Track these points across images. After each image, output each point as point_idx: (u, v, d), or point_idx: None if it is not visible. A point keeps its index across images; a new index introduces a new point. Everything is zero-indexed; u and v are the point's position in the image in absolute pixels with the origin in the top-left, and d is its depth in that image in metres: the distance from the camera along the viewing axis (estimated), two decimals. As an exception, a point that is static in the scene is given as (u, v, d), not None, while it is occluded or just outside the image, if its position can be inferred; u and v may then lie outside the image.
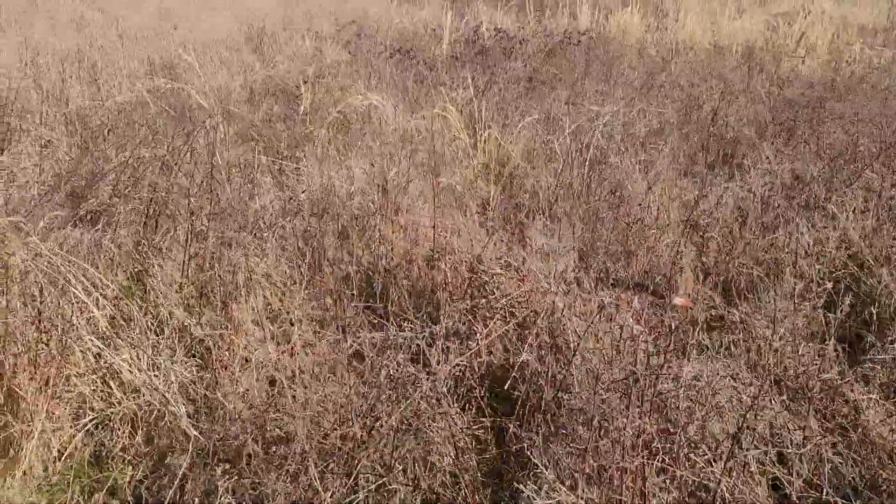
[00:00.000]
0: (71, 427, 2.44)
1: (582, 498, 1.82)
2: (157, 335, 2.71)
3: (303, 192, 3.96)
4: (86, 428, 2.44)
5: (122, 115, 4.98)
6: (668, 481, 1.84)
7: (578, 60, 7.94)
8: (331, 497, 2.15)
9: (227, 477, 2.23)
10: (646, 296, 2.98)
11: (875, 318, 2.93)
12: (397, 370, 2.16)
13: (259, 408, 2.51)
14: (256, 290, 2.96)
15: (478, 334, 2.36)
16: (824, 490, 2.05)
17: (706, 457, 1.80)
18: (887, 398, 2.45)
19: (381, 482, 2.17)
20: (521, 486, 1.85)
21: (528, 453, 1.98)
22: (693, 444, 1.80)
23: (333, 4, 12.27)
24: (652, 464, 1.82)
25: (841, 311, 2.61)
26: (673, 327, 2.24)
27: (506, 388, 2.35)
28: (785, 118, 5.56)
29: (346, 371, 2.40)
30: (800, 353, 2.45)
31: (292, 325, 2.67)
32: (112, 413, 2.48)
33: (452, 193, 4.39)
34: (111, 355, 2.49)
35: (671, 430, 1.79)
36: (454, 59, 8.77)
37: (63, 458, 2.37)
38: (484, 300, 2.71)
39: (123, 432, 2.43)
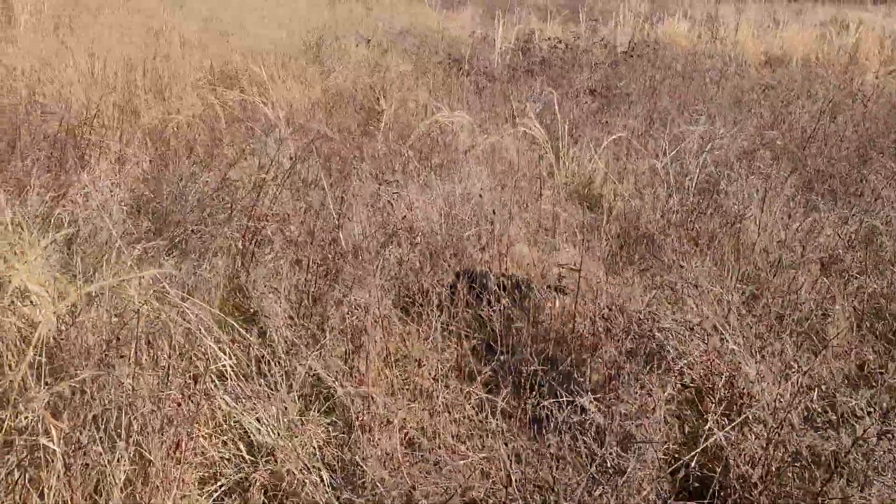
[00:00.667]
0: (199, 494, 2.20)
1: None
2: (280, 387, 2.46)
3: (403, 218, 3.71)
4: (213, 496, 2.20)
5: (198, 129, 4.76)
6: None
7: (649, 72, 7.66)
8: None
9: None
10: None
11: None
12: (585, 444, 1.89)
13: (401, 474, 2.26)
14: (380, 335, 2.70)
15: (657, 402, 2.09)
16: None
17: None
18: None
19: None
20: None
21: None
22: None
23: (379, 12, 12.08)
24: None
25: None
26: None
27: (691, 465, 2.08)
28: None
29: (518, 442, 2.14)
30: None
31: (435, 380, 2.41)
32: (241, 479, 2.23)
33: (552, 219, 4.13)
34: (242, 413, 2.25)
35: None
36: (512, 69, 8.54)
37: (194, 532, 2.12)
38: (634, 357, 2.43)
39: (258, 503, 2.18)
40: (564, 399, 2.06)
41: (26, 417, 1.70)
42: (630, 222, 4.22)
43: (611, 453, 1.79)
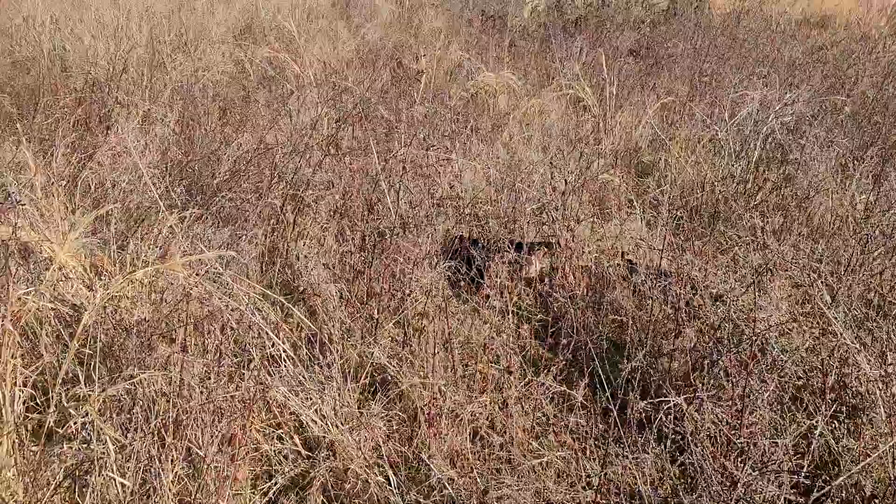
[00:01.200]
0: (252, 492, 2.02)
1: None
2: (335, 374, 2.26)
3: (451, 187, 3.48)
4: (268, 495, 2.02)
5: (228, 87, 4.51)
6: None
7: (691, 32, 7.27)
8: None
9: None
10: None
11: None
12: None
13: (470, 473, 2.06)
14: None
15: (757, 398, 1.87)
16: None
17: None
18: None
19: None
20: None
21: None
22: None
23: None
24: None
25: None
26: None
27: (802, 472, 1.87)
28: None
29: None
30: None
31: (510, 372, 2.20)
32: (296, 476, 2.05)
33: (607, 189, 3.88)
34: (299, 405, 2.05)
35: None
36: (546, 27, 8.18)
37: (248, 533, 1.95)
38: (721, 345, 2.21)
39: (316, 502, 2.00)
40: (672, 401, 1.84)
41: (75, 423, 1.50)
42: (688, 192, 3.96)
43: (747, 475, 1.57)
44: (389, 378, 2.28)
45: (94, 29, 5.00)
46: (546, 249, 3.04)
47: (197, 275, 1.99)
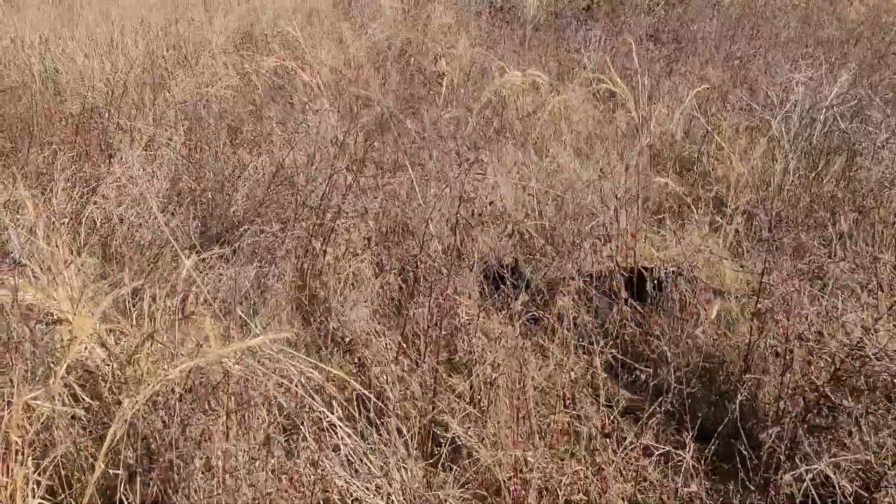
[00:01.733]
0: None
1: None
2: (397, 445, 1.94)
3: (490, 204, 3.16)
4: None
5: (235, 103, 4.18)
6: None
7: (711, 14, 6.93)
8: None
9: None
10: None
11: None
12: None
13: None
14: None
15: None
16: None
17: None
18: None
19: None
20: None
21: None
22: None
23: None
24: None
25: None
26: None
27: None
28: None
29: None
30: None
31: (607, 435, 1.88)
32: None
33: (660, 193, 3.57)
34: (362, 489, 1.74)
35: None
36: (556, 16, 7.85)
37: None
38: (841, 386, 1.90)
39: None
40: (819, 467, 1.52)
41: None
42: (741, 189, 3.63)
43: None
44: (460, 443, 1.97)
45: (87, 47, 4.68)
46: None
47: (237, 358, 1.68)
